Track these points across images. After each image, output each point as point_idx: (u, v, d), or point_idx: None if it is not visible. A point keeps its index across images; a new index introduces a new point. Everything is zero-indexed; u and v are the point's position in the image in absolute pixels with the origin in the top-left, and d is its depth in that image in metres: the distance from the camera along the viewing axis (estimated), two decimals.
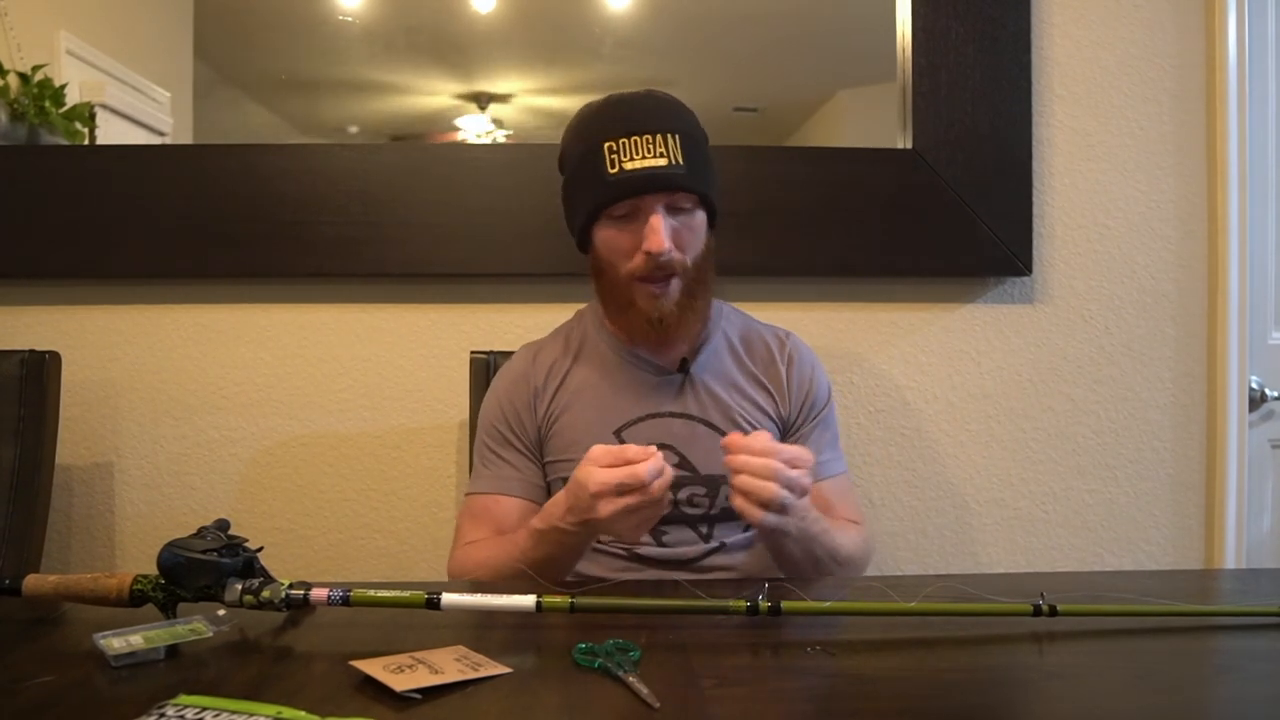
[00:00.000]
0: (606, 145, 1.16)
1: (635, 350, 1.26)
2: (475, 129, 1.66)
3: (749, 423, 1.25)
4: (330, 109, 1.67)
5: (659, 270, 1.17)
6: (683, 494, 1.22)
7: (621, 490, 0.97)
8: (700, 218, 1.21)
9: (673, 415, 1.24)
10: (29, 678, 0.77)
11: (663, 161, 1.15)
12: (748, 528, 1.25)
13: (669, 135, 1.16)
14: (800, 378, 1.30)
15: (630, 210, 1.17)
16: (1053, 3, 1.69)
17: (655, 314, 1.18)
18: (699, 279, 1.21)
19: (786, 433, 1.28)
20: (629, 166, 1.14)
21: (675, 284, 1.19)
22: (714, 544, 1.24)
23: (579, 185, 1.21)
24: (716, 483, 1.22)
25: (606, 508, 0.98)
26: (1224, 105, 1.70)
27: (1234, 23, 1.69)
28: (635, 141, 1.15)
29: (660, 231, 1.14)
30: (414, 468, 1.64)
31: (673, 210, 1.18)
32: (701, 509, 1.23)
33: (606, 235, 1.19)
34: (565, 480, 1.22)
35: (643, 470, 0.96)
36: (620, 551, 1.23)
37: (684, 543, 1.23)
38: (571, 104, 1.26)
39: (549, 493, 1.25)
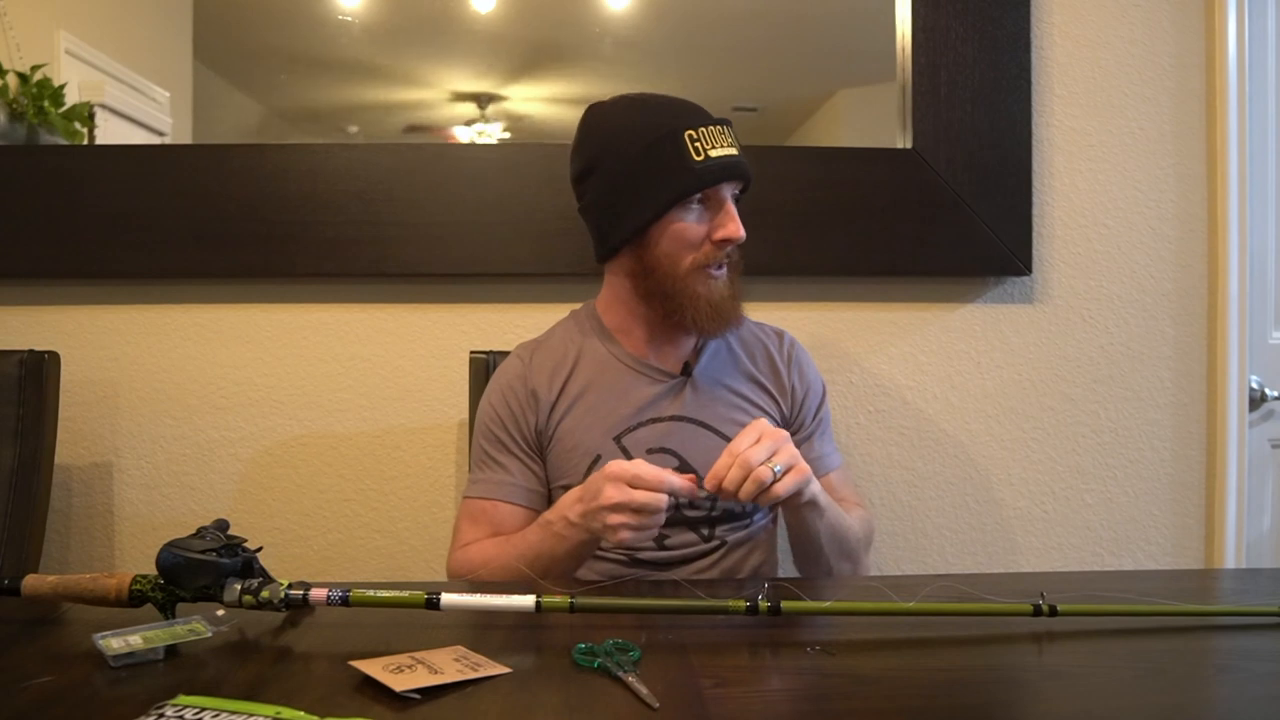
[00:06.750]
0: (688, 134, 1.16)
1: (637, 356, 1.27)
2: (475, 129, 1.66)
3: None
4: (330, 109, 1.67)
5: (725, 257, 1.20)
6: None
7: (637, 508, 1.00)
8: None
9: (672, 419, 1.24)
10: (28, 678, 0.77)
11: (735, 151, 1.19)
12: (748, 525, 1.26)
13: (729, 128, 1.21)
14: (801, 379, 1.33)
15: (706, 199, 1.19)
16: (1053, 3, 1.69)
17: (716, 296, 1.20)
18: (738, 269, 1.24)
19: (789, 432, 1.28)
20: (714, 154, 1.16)
21: (725, 269, 1.22)
22: (715, 543, 1.24)
23: (648, 177, 1.17)
24: None
25: (615, 518, 1.01)
26: (1224, 105, 1.70)
27: (1234, 23, 1.69)
28: (713, 131, 1.18)
29: (737, 218, 1.18)
30: (413, 468, 1.64)
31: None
32: (703, 511, 1.23)
33: (680, 226, 1.18)
34: (566, 487, 1.21)
35: (661, 501, 1.00)
36: (621, 557, 1.23)
37: (685, 545, 1.23)
38: (571, 104, 1.26)
39: (549, 497, 1.24)
